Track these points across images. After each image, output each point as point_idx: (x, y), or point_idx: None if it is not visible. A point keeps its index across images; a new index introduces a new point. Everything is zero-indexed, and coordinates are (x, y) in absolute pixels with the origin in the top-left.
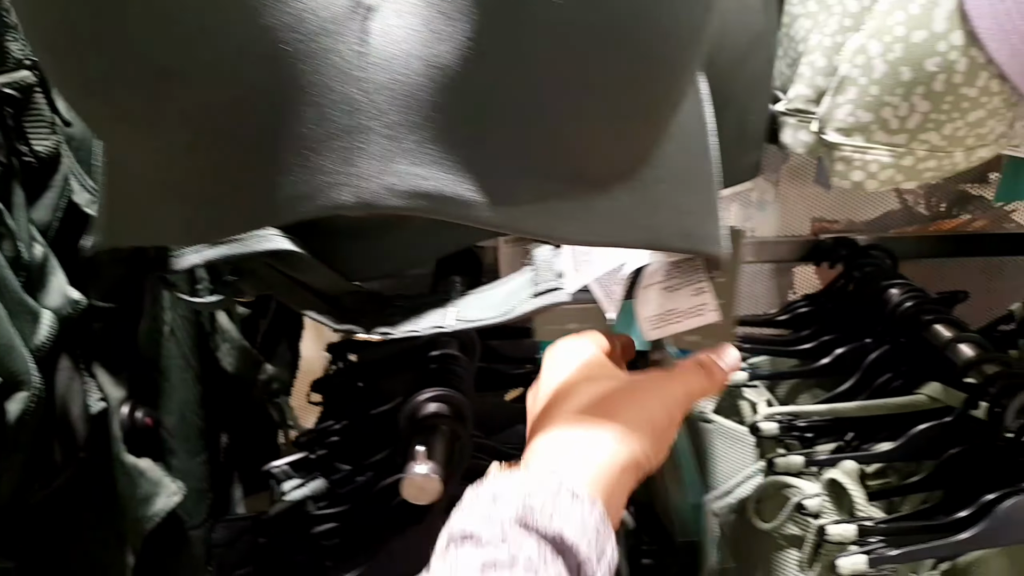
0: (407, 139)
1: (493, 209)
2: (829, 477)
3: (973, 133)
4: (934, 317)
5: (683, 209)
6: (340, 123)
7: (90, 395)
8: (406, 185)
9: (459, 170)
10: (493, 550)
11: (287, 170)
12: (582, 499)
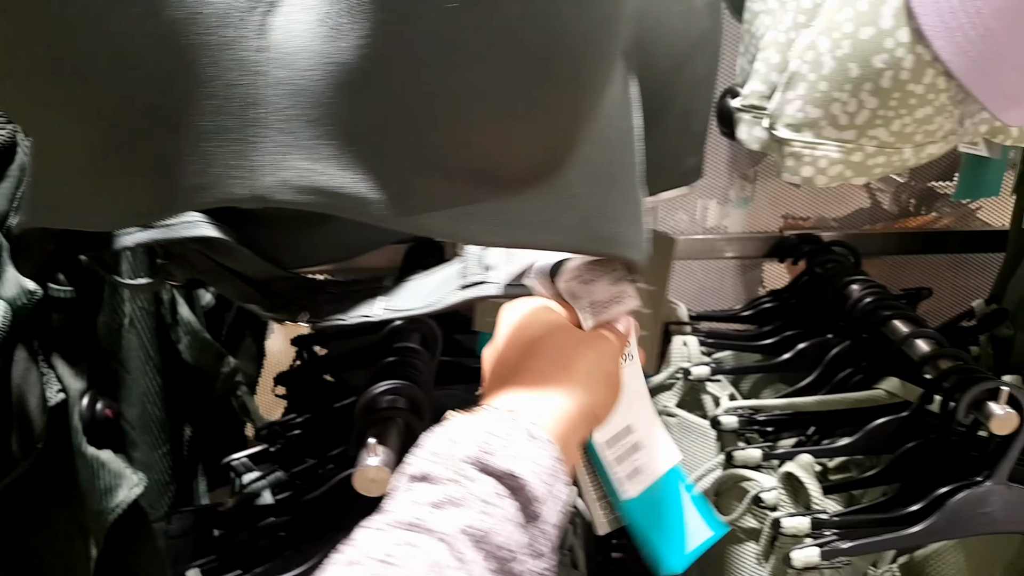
0: (303, 134)
1: (391, 208)
2: (785, 471)
3: (921, 130)
4: (892, 313)
5: (600, 214)
6: (237, 116)
7: (49, 386)
8: (301, 180)
9: (356, 167)
10: (445, 488)
11: (186, 161)
12: (538, 440)
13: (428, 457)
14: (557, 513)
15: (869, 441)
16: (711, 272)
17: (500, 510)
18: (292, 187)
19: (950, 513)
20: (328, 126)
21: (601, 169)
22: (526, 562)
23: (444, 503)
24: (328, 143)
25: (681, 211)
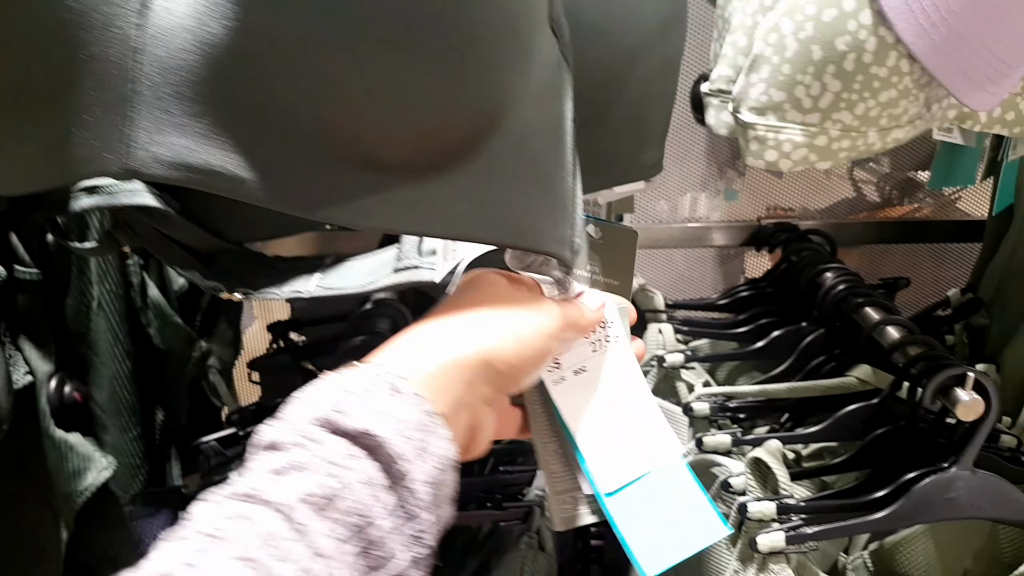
0: (176, 111)
1: (268, 189)
2: (753, 456)
3: (886, 113)
4: (864, 300)
5: (518, 206)
6: (116, 91)
7: (16, 368)
8: (173, 156)
9: (229, 146)
10: (289, 454)
11: (72, 133)
12: (403, 394)
13: (276, 424)
14: (432, 470)
15: (839, 428)
16: (692, 262)
17: (351, 472)
18: (164, 162)
19: (916, 499)
20: (201, 104)
21: (518, 159)
22: (387, 526)
23: (286, 469)
24: (201, 121)
25: (663, 200)
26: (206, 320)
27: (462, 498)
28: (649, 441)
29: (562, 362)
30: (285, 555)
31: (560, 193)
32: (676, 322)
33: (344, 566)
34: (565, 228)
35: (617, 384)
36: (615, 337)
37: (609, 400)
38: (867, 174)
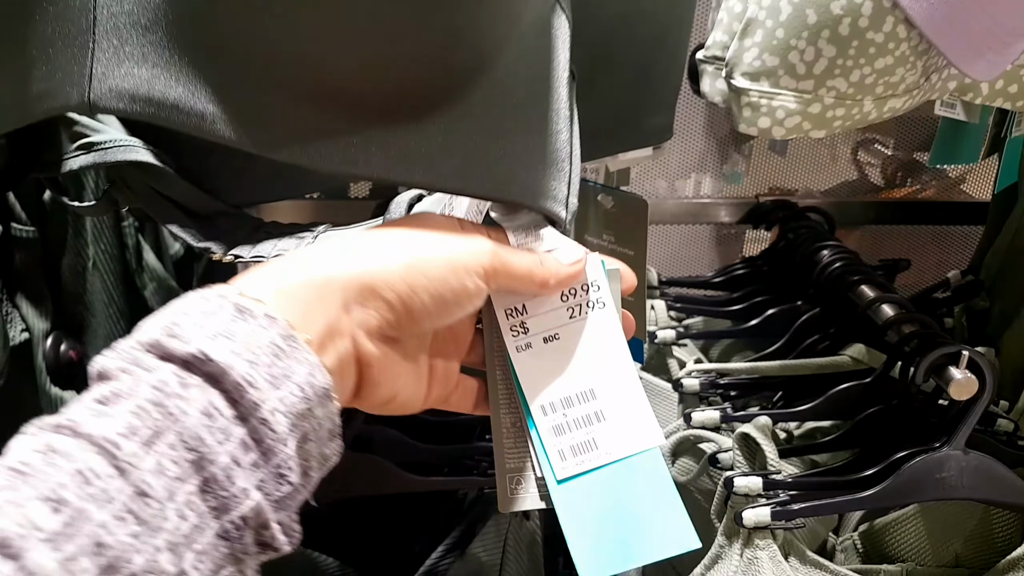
0: (136, 43)
1: (232, 126)
2: (741, 431)
3: (882, 81)
4: (860, 278)
5: (505, 155)
6: (75, 23)
7: (12, 325)
8: (131, 88)
9: (191, 79)
10: (114, 383)
11: (36, 68)
12: (251, 313)
13: (108, 352)
14: (293, 399)
15: (830, 407)
16: (688, 240)
17: (184, 402)
18: (121, 95)
19: (906, 477)
20: (161, 36)
21: (505, 107)
22: (233, 462)
23: (110, 399)
24: (160, 53)
25: (662, 179)
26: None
27: (447, 464)
28: (623, 427)
29: (530, 326)
30: (101, 494)
31: (554, 146)
32: (669, 299)
33: (180, 506)
34: (560, 183)
35: (595, 358)
36: (600, 303)
37: (582, 375)
38: (870, 156)
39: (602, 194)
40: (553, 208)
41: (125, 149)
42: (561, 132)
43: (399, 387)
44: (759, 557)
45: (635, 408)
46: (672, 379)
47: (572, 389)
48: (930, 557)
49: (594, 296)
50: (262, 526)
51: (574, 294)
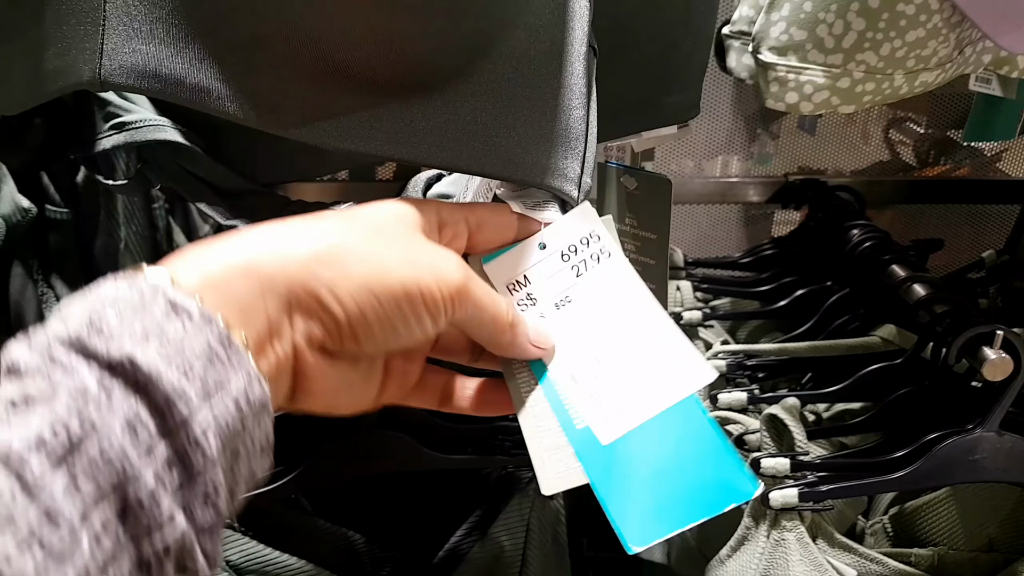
0: (144, 20)
1: (237, 102)
2: (769, 413)
3: (913, 54)
4: (891, 258)
5: (515, 133)
6: (88, 1)
7: (48, 305)
8: (139, 64)
9: (199, 55)
10: (27, 382)
11: (50, 45)
12: (187, 312)
13: (23, 341)
14: (227, 414)
15: (860, 388)
16: (717, 221)
17: (106, 412)
18: (129, 70)
19: (937, 459)
20: (168, 11)
21: (516, 83)
22: (157, 484)
23: (19, 404)
24: (169, 28)
25: (687, 158)
26: None
27: (470, 444)
28: (667, 373)
29: (537, 295)
30: (3, 518)
31: (567, 123)
32: (696, 279)
33: (94, 532)
34: (572, 162)
35: (615, 310)
36: (605, 253)
37: (606, 332)
38: (903, 134)
39: (625, 176)
40: (563, 187)
41: (155, 128)
42: (575, 109)
43: (340, 396)
44: (786, 539)
45: (674, 348)
46: None
47: (599, 349)
48: (963, 541)
49: (596, 248)
50: (186, 555)
51: (575, 251)
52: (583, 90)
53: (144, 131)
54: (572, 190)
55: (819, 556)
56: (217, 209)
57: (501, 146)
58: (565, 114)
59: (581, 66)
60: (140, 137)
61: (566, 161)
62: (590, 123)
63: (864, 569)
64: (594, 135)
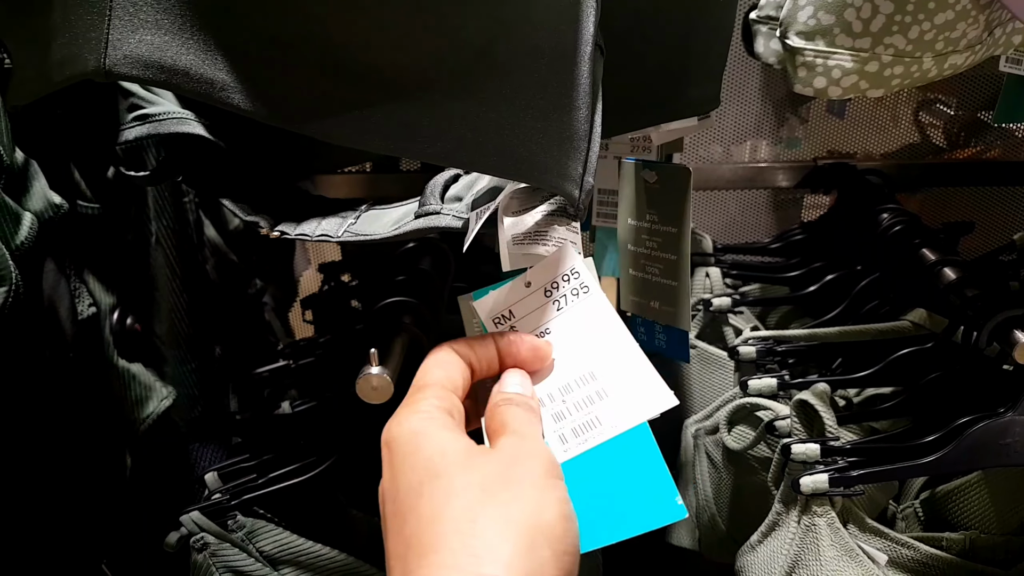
0: (151, 10)
1: (243, 94)
2: (799, 399)
3: (942, 37)
4: (922, 241)
5: (517, 132)
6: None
7: (80, 300)
8: (144, 55)
9: (203, 47)
10: None
11: (59, 35)
12: None
13: None
14: None
15: (890, 372)
16: (746, 207)
17: None
18: (134, 61)
19: (968, 443)
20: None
21: (520, 83)
22: None
23: None
24: (173, 19)
25: (716, 143)
26: (261, 260)
27: None
28: (629, 398)
29: (520, 327)
30: None
31: (571, 123)
32: (725, 266)
33: None
34: (575, 163)
35: (590, 340)
36: (583, 288)
37: (579, 360)
38: (933, 117)
39: (645, 170)
40: (564, 187)
41: (178, 121)
42: (580, 109)
43: None
44: (817, 524)
45: (638, 376)
46: (728, 347)
47: (571, 375)
48: (995, 525)
49: (576, 283)
50: None
51: (556, 287)
52: (588, 89)
53: (167, 124)
54: (573, 190)
55: (850, 541)
56: (238, 205)
57: (503, 144)
58: (570, 114)
59: (587, 66)
60: (163, 130)
61: (568, 161)
62: (595, 123)
63: (895, 553)
64: (598, 135)
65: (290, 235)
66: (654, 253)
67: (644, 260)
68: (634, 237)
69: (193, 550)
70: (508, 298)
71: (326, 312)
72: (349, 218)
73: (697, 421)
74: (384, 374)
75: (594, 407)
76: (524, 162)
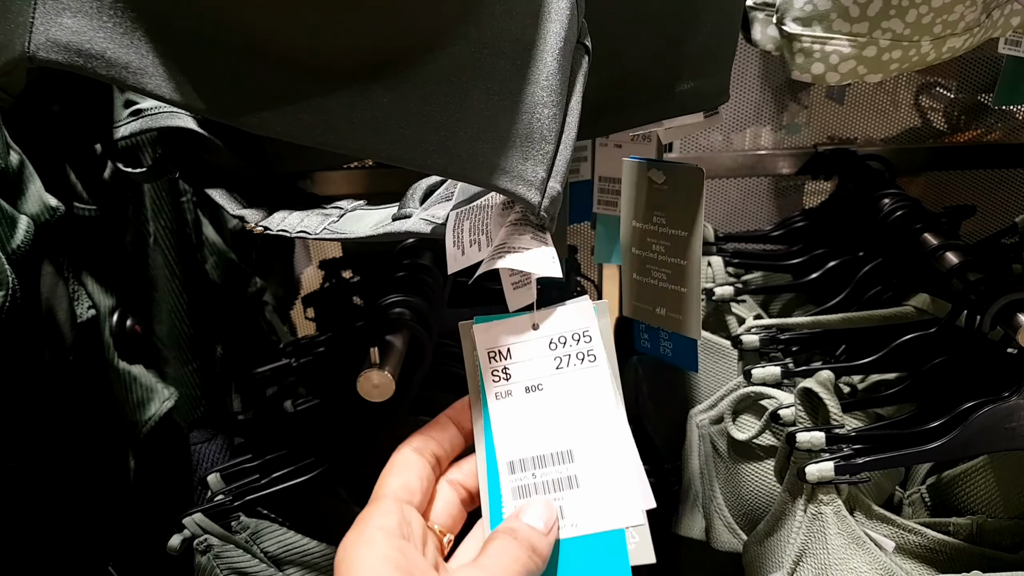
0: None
1: (171, 83)
2: (803, 387)
3: (940, 20)
4: (923, 225)
5: (469, 128)
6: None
7: (79, 303)
8: (64, 39)
9: (126, 33)
10: None
11: None
12: None
13: None
14: None
15: (894, 358)
16: (747, 195)
17: None
18: (58, 46)
19: (974, 428)
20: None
21: (476, 76)
22: None
23: None
24: (95, 2)
25: (715, 131)
26: (261, 258)
27: None
28: (599, 499)
29: (512, 372)
30: None
31: (530, 123)
32: (727, 254)
33: None
34: (535, 166)
35: (579, 416)
36: (590, 356)
37: (562, 434)
38: (932, 100)
39: (652, 169)
40: (516, 189)
41: (170, 115)
42: (543, 107)
43: None
44: (823, 512)
45: (618, 478)
46: (731, 336)
47: (548, 448)
48: (1001, 509)
49: (585, 347)
50: None
51: (564, 343)
52: (556, 88)
53: (159, 117)
54: (528, 194)
55: (857, 529)
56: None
57: (445, 141)
58: (528, 112)
59: (555, 63)
60: (155, 124)
61: (525, 163)
62: (566, 124)
63: (902, 540)
64: (571, 138)
65: (272, 230)
66: (661, 257)
67: (649, 265)
68: (639, 240)
69: (197, 552)
70: (510, 335)
71: (328, 309)
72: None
73: (701, 411)
74: (386, 372)
75: (561, 494)
76: (470, 161)
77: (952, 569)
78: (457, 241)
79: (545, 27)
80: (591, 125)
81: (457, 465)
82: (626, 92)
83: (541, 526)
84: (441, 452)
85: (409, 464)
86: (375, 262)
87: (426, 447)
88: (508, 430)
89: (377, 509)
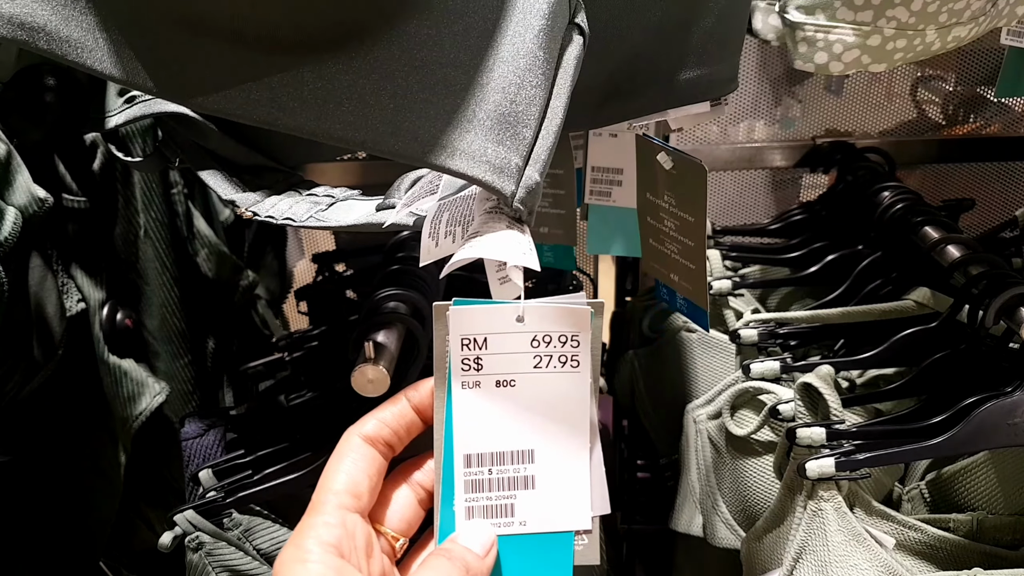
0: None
1: (114, 60)
2: (803, 381)
3: (945, 8)
4: (923, 219)
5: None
6: None
7: (68, 295)
8: (10, 12)
9: (67, 5)
10: None
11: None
12: None
13: None
14: None
15: (894, 353)
16: (744, 188)
17: None
18: (3, 19)
19: (975, 424)
20: None
21: (444, 53)
22: None
23: None
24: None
25: (712, 123)
26: (253, 251)
27: None
28: (553, 501)
29: (485, 363)
30: None
31: (501, 103)
32: (724, 248)
33: None
34: (508, 151)
35: (548, 419)
36: (573, 362)
37: (526, 434)
38: (931, 93)
39: (662, 153)
40: (485, 177)
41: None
42: (521, 89)
43: None
44: (823, 509)
45: (576, 484)
46: (729, 330)
47: (509, 445)
48: (1002, 505)
49: (571, 351)
50: None
51: (548, 342)
52: (537, 68)
53: (154, 103)
54: (498, 182)
55: (857, 525)
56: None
57: (406, 120)
58: (501, 93)
59: (535, 41)
60: (150, 110)
61: (498, 148)
62: (551, 108)
63: (903, 536)
64: (556, 125)
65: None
66: (672, 233)
67: (663, 236)
68: (652, 211)
69: (188, 550)
70: (490, 324)
71: (321, 303)
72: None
73: (699, 406)
74: (380, 366)
75: (515, 492)
76: (429, 144)
77: (952, 566)
78: (433, 232)
79: (523, 2)
80: (593, 115)
81: (416, 463)
82: (630, 80)
83: (478, 549)
84: (395, 440)
85: (357, 456)
86: (369, 255)
87: (378, 435)
88: (470, 422)
89: (317, 520)
